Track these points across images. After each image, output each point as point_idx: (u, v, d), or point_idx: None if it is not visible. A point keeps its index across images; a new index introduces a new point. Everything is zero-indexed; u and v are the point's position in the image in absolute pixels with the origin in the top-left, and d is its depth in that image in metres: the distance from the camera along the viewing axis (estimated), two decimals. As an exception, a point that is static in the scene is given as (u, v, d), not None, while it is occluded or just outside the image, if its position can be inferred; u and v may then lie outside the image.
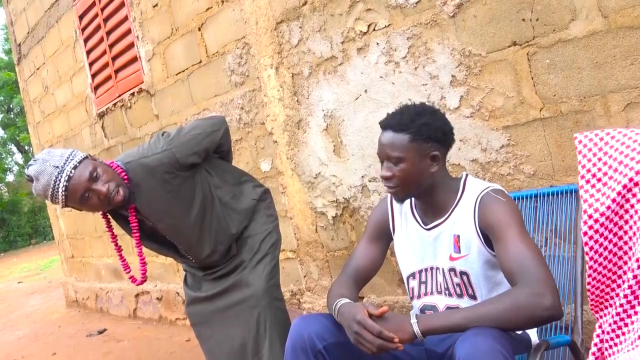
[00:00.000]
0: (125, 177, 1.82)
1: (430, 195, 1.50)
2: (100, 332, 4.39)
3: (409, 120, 1.43)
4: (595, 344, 1.16)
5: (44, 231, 19.21)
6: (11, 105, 20.75)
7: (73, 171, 1.69)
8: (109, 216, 1.96)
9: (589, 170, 1.32)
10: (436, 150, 1.44)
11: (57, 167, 1.68)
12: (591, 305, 1.30)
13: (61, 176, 1.67)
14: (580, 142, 1.30)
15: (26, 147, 21.24)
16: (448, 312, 1.38)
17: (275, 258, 2.10)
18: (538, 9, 1.75)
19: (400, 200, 1.54)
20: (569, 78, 1.73)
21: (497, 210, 1.40)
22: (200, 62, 3.16)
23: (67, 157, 1.71)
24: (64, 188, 1.68)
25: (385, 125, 1.48)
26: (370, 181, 2.40)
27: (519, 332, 1.43)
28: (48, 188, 1.68)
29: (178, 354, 3.39)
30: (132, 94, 3.86)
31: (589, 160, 1.30)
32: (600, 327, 1.03)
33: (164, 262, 4.04)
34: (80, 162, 1.71)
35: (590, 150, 1.31)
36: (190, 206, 1.96)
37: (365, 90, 2.31)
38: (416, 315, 1.30)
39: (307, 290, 2.86)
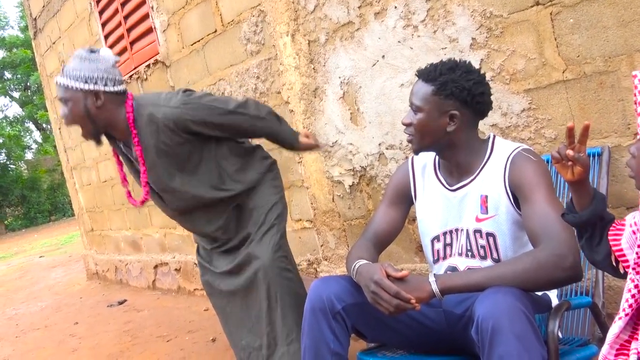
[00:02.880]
0: (131, 115, 1.90)
1: (453, 154, 1.47)
2: (121, 303, 4.47)
3: (438, 73, 1.41)
4: (629, 303, 1.11)
5: (63, 208, 19.53)
6: (28, 83, 20.93)
7: (57, 84, 1.87)
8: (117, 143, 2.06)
9: None
10: (456, 109, 1.42)
11: (65, 70, 1.86)
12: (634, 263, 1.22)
13: (57, 76, 1.89)
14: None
15: (44, 125, 21.49)
16: (468, 271, 1.37)
17: (282, 229, 2.11)
18: (563, -34, 1.69)
19: (415, 152, 1.53)
20: (593, 38, 1.68)
21: (527, 169, 1.37)
22: (216, 31, 3.14)
23: (72, 75, 1.84)
24: (55, 81, 1.91)
25: (419, 73, 1.47)
26: (387, 149, 2.38)
27: (539, 293, 1.42)
28: (63, 69, 1.90)
29: (197, 322, 3.44)
30: (148, 66, 3.86)
31: None
32: (637, 286, 1.00)
33: (182, 234, 4.08)
34: (67, 87, 1.84)
35: None
36: (181, 168, 1.99)
37: (383, 56, 2.27)
38: (434, 274, 1.30)
39: (324, 259, 2.86)
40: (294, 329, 1.96)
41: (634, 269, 1.01)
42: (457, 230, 1.51)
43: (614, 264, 1.09)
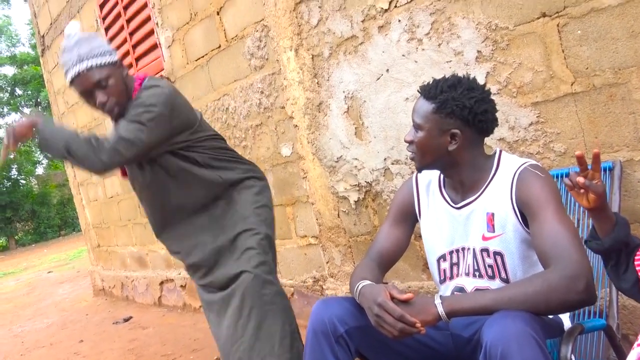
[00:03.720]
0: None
1: (457, 172, 1.43)
2: (126, 320, 4.43)
3: (439, 91, 1.36)
4: None
5: (73, 222, 19.61)
6: (39, 99, 21.16)
7: (85, 72, 1.76)
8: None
9: None
10: (457, 128, 1.36)
11: (80, 56, 1.75)
12: None
13: (77, 66, 1.76)
14: None
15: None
16: (475, 293, 1.31)
17: (268, 236, 2.01)
18: (569, -23, 1.66)
19: (418, 169, 1.48)
20: (602, 49, 1.63)
21: (535, 186, 1.32)
22: (220, 46, 3.13)
23: (96, 53, 1.77)
24: (74, 75, 1.77)
25: (420, 89, 1.43)
26: (392, 164, 2.34)
27: (551, 317, 1.36)
28: (64, 66, 1.80)
29: (202, 340, 3.39)
30: (153, 82, 3.85)
31: None
32: None
33: (187, 250, 4.04)
34: (102, 65, 1.77)
35: None
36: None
37: (387, 70, 2.24)
38: (441, 296, 1.24)
39: (330, 276, 2.81)
40: (274, 344, 1.87)
41: None
42: (463, 249, 1.46)
43: None
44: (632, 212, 1.65)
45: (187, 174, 1.96)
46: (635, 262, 1.04)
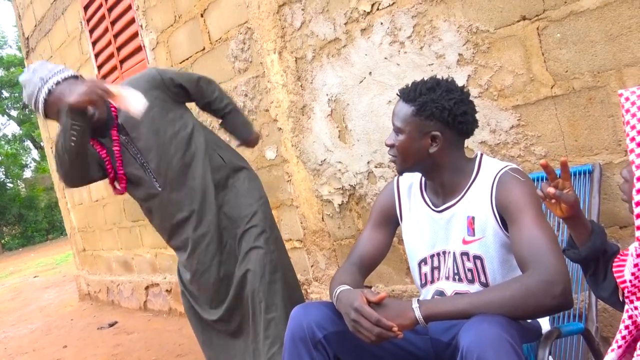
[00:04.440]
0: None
1: (438, 175, 1.42)
2: (111, 325, 4.39)
3: (418, 93, 1.36)
4: (622, 335, 1.05)
5: (61, 226, 19.42)
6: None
7: (55, 87, 1.73)
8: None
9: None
10: (438, 130, 1.36)
11: (42, 79, 1.73)
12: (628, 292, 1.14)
13: (43, 89, 1.73)
14: (627, 99, 1.06)
15: (42, 143, 21.51)
16: (452, 297, 1.30)
17: (275, 233, 2.07)
18: (548, -19, 1.66)
19: (399, 172, 1.47)
20: (581, 52, 1.64)
21: (515, 190, 1.31)
22: (204, 49, 3.11)
23: (55, 72, 1.76)
24: (43, 101, 1.73)
25: (400, 93, 1.42)
26: (376, 167, 2.33)
27: (529, 321, 1.35)
28: (32, 97, 1.75)
29: (187, 345, 3.35)
30: (138, 85, 3.82)
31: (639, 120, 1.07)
32: (630, 317, 0.94)
33: (173, 254, 4.00)
34: (65, 79, 1.75)
35: (639, 107, 1.08)
36: (172, 127, 1.95)
37: (370, 73, 2.23)
38: (418, 300, 1.23)
39: (315, 280, 2.80)
40: (276, 341, 1.89)
41: (627, 297, 0.95)
42: (444, 252, 1.45)
43: (621, 299, 1.03)
44: (611, 215, 1.65)
45: (205, 152, 2.00)
46: (614, 270, 1.03)
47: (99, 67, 4.28)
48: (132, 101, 1.68)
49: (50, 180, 19.24)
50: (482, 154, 1.45)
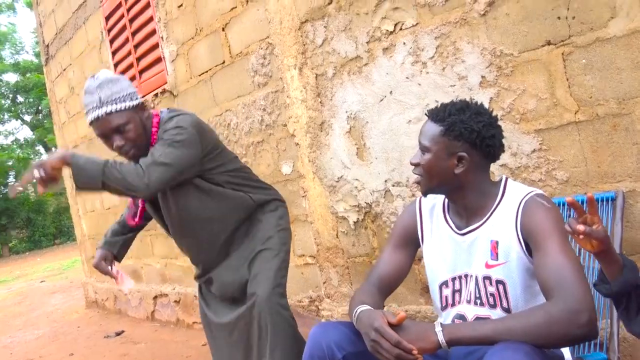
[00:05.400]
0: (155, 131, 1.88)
1: (462, 197, 1.41)
2: (118, 334, 4.37)
3: (447, 114, 1.36)
4: None
5: (68, 232, 19.53)
6: (40, 107, 21.21)
7: (106, 115, 1.78)
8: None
9: None
10: (465, 151, 1.36)
11: (100, 100, 1.77)
12: None
13: (94, 112, 1.78)
14: None
15: (53, 149, 21.70)
16: (476, 323, 1.29)
17: (285, 260, 2.07)
18: (574, 7, 1.66)
19: (423, 193, 1.47)
20: (607, 79, 1.64)
21: (540, 216, 1.30)
22: (224, 62, 3.13)
23: (116, 98, 1.79)
24: (92, 119, 1.80)
25: (428, 113, 1.43)
26: (393, 186, 2.33)
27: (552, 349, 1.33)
28: (86, 107, 1.81)
29: (194, 357, 3.34)
30: (156, 95, 3.86)
31: None
32: None
33: (183, 265, 4.01)
34: (121, 110, 1.78)
35: None
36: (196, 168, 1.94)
37: (391, 92, 2.24)
38: (441, 323, 1.22)
39: (327, 297, 2.78)
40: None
41: None
42: (466, 276, 1.44)
43: None
44: (633, 243, 1.64)
45: (221, 196, 1.99)
46: None
47: (118, 76, 4.32)
48: (123, 282, 1.89)
49: (59, 185, 19.39)
50: (507, 178, 1.45)
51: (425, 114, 1.44)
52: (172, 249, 4.06)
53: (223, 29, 3.08)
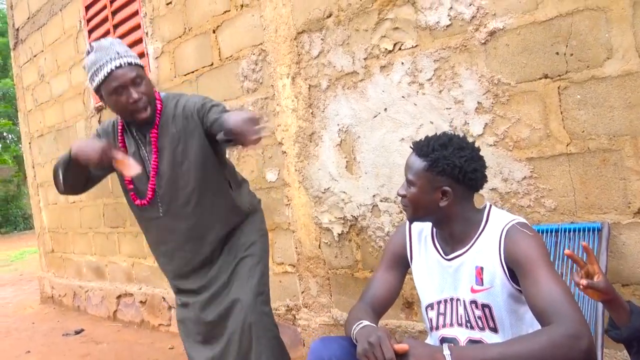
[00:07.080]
0: (159, 105, 1.90)
1: (447, 226, 1.48)
2: (78, 332, 4.24)
3: (431, 149, 1.42)
4: None
5: (15, 221, 18.73)
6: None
7: (127, 64, 1.78)
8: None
9: None
10: (448, 186, 1.42)
11: (118, 53, 1.79)
12: None
13: (114, 61, 1.77)
14: None
15: (4, 134, 20.82)
16: (482, 346, 1.33)
17: (266, 265, 2.08)
18: (573, 44, 1.75)
19: (410, 221, 1.54)
20: (599, 115, 1.72)
21: (524, 244, 1.36)
22: (212, 64, 3.11)
23: (131, 54, 1.83)
24: (108, 71, 1.77)
25: (413, 146, 1.48)
26: (382, 201, 2.36)
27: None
28: (97, 63, 1.78)
29: (161, 361, 3.28)
30: (135, 91, 3.78)
31: None
32: None
33: (151, 265, 3.93)
34: (138, 64, 1.82)
35: None
36: (191, 158, 1.93)
37: (385, 109, 2.28)
38: (448, 345, 1.26)
39: (304, 306, 2.79)
40: None
41: None
42: (451, 299, 1.49)
43: None
44: (616, 273, 1.73)
45: (227, 195, 2.01)
46: None
47: (95, 68, 4.20)
48: (130, 168, 1.77)
49: (9, 172, 18.58)
50: (490, 205, 1.50)
51: (410, 147, 1.49)
52: (142, 248, 3.98)
53: (214, 31, 3.05)
